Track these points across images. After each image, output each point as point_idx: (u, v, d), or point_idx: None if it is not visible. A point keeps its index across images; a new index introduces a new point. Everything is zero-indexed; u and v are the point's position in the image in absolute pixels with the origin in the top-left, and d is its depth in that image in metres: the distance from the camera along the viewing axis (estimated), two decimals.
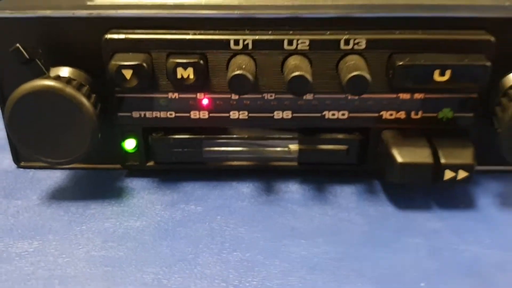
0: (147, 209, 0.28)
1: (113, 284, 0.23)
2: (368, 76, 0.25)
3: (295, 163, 0.30)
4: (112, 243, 0.26)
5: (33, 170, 0.32)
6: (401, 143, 0.28)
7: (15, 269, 0.24)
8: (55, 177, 0.31)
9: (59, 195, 0.30)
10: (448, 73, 0.26)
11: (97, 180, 0.31)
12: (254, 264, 0.25)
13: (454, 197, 0.29)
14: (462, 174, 0.27)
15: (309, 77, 0.25)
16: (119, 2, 0.28)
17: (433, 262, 0.25)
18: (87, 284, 0.23)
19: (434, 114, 0.29)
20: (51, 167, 0.31)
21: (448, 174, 0.27)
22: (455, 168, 0.27)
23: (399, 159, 0.27)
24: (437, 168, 0.27)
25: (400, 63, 0.26)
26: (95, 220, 0.28)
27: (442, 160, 0.27)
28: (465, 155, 0.27)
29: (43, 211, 0.28)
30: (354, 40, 0.26)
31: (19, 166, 0.32)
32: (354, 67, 0.26)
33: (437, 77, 0.26)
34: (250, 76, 0.25)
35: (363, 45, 0.26)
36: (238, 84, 0.26)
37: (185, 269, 0.24)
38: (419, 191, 0.30)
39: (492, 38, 0.27)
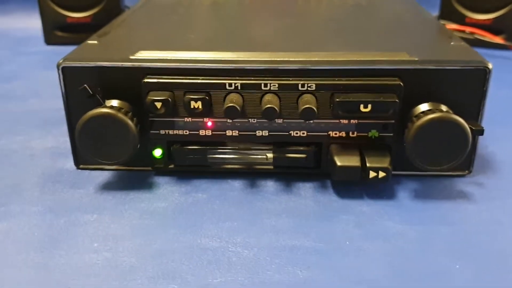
0: (169, 196, 0.41)
1: (147, 239, 0.36)
2: (314, 108, 0.38)
3: (271, 167, 0.43)
4: (146, 216, 0.39)
5: (88, 170, 0.45)
6: (340, 153, 0.41)
7: (83, 230, 0.37)
8: (104, 175, 0.44)
9: (108, 187, 0.43)
10: (369, 106, 0.39)
11: (134, 177, 0.44)
12: (240, 229, 0.38)
13: (380, 191, 0.42)
14: (381, 174, 0.40)
15: (277, 108, 0.39)
16: (152, 57, 0.41)
17: (357, 230, 0.38)
18: (130, 239, 0.37)
19: (366, 134, 0.41)
20: (102, 168, 0.44)
21: (372, 174, 0.40)
22: (376, 170, 0.40)
23: (338, 163, 0.40)
24: (364, 170, 0.40)
25: (337, 99, 0.39)
26: (134, 202, 0.41)
27: (368, 164, 0.40)
28: (384, 161, 0.40)
29: (98, 197, 0.41)
30: (308, 84, 0.40)
31: (78, 168, 0.45)
32: (306, 102, 0.39)
33: (362, 109, 0.39)
34: (238, 107, 0.39)
35: (313, 87, 0.40)
36: (230, 112, 0.39)
37: (194, 231, 0.37)
38: (357, 186, 0.43)
39: (401, 83, 0.40)
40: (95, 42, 0.47)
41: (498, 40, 0.76)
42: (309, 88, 0.40)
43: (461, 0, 0.80)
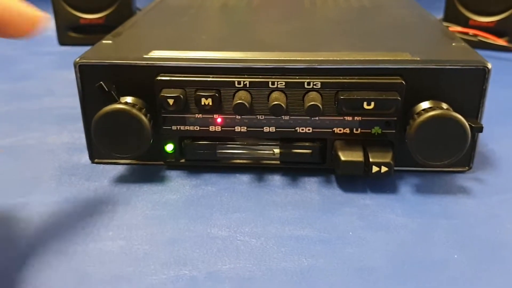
0: (180, 188, 0.43)
1: (159, 228, 0.38)
2: (319, 105, 0.40)
3: (278, 162, 0.45)
4: (158, 207, 0.41)
5: (103, 165, 0.47)
6: (345, 148, 0.42)
7: (98, 220, 0.39)
8: (118, 169, 0.46)
9: (122, 179, 0.45)
10: (372, 104, 0.41)
11: (147, 171, 0.46)
12: (247, 220, 0.39)
13: (383, 186, 0.44)
14: (384, 169, 0.42)
15: (283, 105, 0.40)
16: (165, 56, 0.43)
17: (360, 222, 0.39)
18: (144, 228, 0.38)
19: (369, 130, 0.43)
20: (115, 162, 0.46)
21: (375, 169, 0.41)
22: (379, 165, 0.41)
23: (342, 158, 0.42)
24: (367, 164, 0.42)
25: (342, 97, 0.41)
26: (147, 194, 0.43)
27: (370, 159, 0.41)
28: (386, 157, 0.42)
29: (112, 189, 0.43)
30: (313, 82, 0.41)
31: (93, 162, 0.47)
32: (312, 99, 0.41)
33: (365, 106, 0.41)
34: (246, 104, 0.41)
35: (319, 85, 0.41)
36: (239, 109, 0.41)
37: (204, 221, 0.39)
38: (360, 181, 0.44)
39: (403, 82, 0.41)
40: (110, 42, 0.49)
41: (501, 42, 0.78)
42: (314, 86, 0.42)
43: (465, 3, 0.82)
